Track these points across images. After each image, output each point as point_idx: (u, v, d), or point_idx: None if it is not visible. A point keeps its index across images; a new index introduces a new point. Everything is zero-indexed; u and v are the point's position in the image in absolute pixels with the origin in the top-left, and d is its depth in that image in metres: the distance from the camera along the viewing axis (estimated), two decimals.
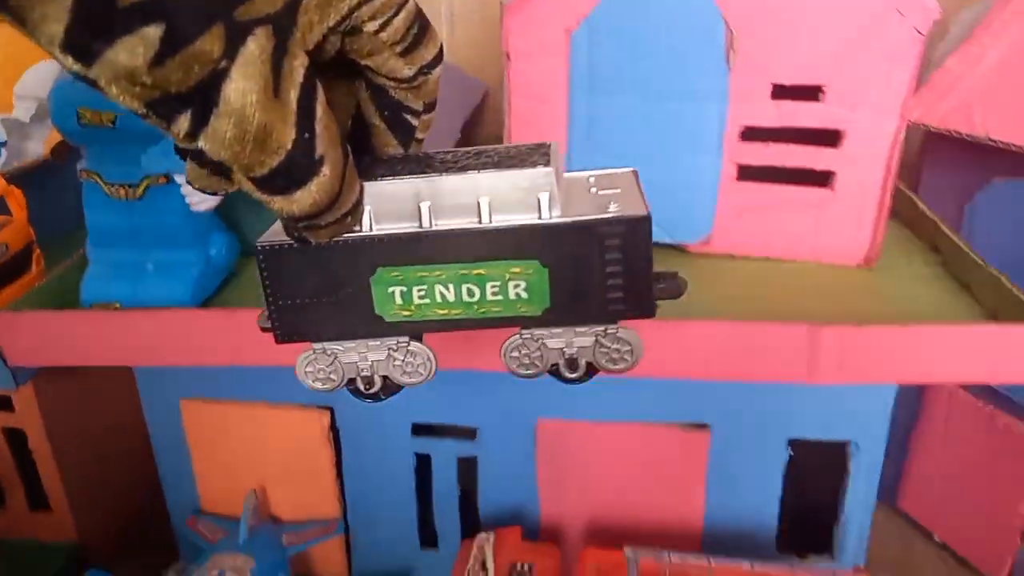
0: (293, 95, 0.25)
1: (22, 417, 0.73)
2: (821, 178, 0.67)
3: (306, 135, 0.25)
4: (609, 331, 0.33)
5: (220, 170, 0.28)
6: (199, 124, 0.23)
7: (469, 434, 0.68)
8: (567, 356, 0.34)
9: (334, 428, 0.70)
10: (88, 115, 0.56)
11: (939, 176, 0.75)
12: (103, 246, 0.63)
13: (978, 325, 0.55)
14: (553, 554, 0.62)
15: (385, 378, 0.35)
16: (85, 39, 0.21)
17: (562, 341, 0.34)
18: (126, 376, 0.73)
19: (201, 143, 0.24)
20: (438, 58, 0.32)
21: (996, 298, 0.59)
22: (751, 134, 0.67)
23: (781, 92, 0.65)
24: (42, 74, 0.64)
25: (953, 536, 0.79)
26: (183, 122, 0.23)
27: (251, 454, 0.71)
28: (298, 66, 0.25)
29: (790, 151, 0.66)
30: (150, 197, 0.61)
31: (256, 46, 0.24)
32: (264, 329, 0.35)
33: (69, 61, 0.21)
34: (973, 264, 0.63)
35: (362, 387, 0.35)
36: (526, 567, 0.62)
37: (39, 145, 0.66)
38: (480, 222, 0.31)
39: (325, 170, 0.27)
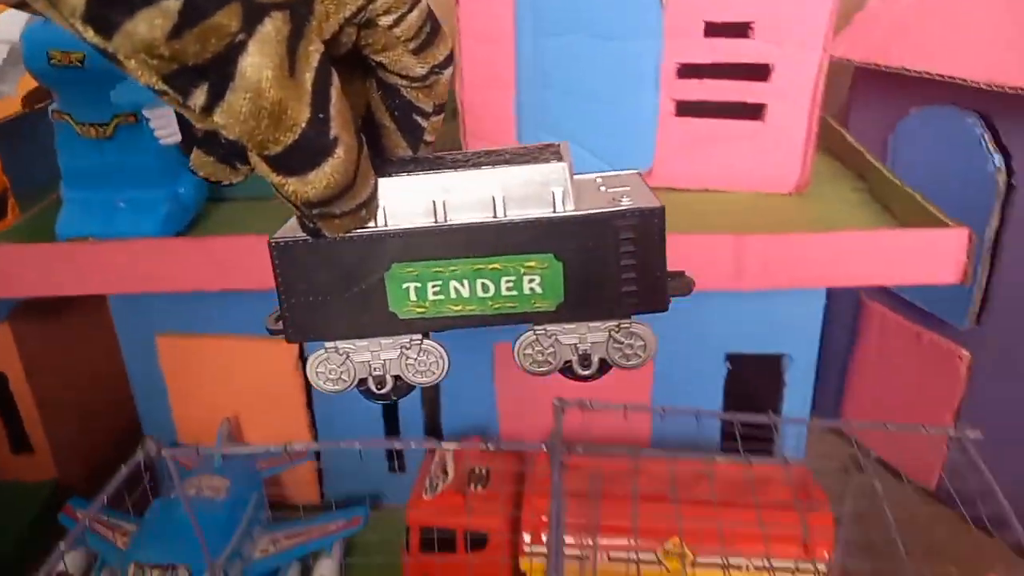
0: (308, 76, 0.25)
1: (2, 360, 0.76)
2: (753, 111, 0.72)
3: (320, 115, 0.25)
4: (623, 326, 0.33)
5: (227, 158, 0.29)
6: (215, 98, 0.23)
7: None
8: (580, 352, 0.34)
9: (303, 358, 0.74)
10: (58, 56, 0.59)
11: (866, 111, 0.80)
12: (76, 186, 0.67)
13: (888, 230, 0.60)
14: (509, 459, 0.67)
15: (396, 378, 0.35)
16: (105, 11, 0.21)
17: (575, 337, 0.34)
18: (102, 316, 0.77)
19: (216, 118, 0.24)
20: (449, 59, 0.32)
21: (910, 212, 0.64)
22: (687, 71, 0.71)
23: (713, 30, 0.69)
24: (13, 18, 0.66)
25: (888, 450, 0.84)
26: (199, 96, 0.23)
27: (225, 385, 0.75)
28: (313, 51, 0.25)
29: (723, 86, 0.71)
30: (120, 136, 0.64)
31: (272, 27, 0.24)
32: (272, 332, 0.35)
33: (90, 33, 0.22)
34: (893, 186, 0.68)
35: (374, 387, 0.35)
36: (484, 471, 0.66)
37: (12, 87, 0.69)
38: (495, 216, 0.31)
39: (339, 152, 0.27)
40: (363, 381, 0.34)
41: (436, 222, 0.31)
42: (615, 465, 0.64)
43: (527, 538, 0.61)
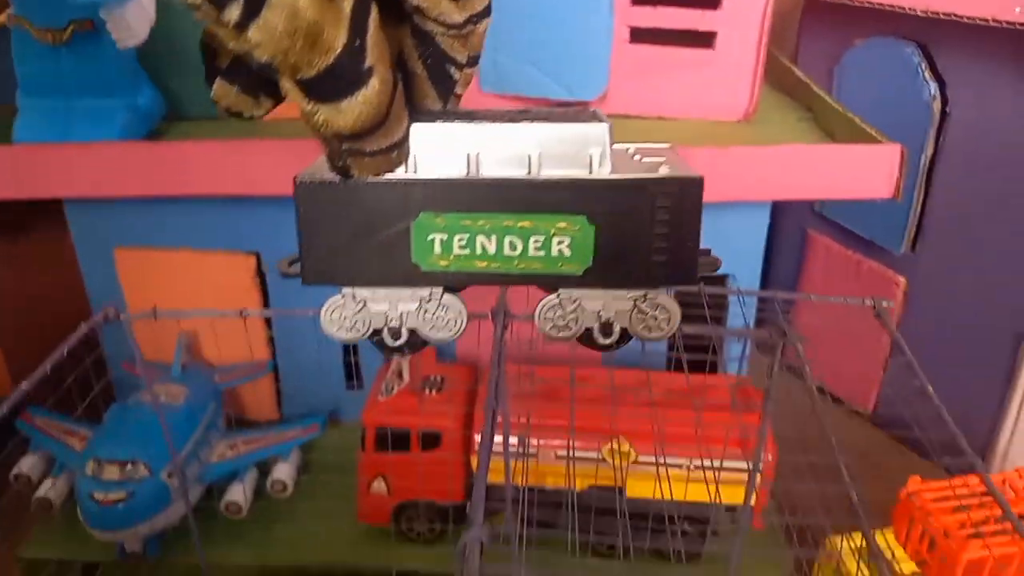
0: (347, 3, 0.25)
1: None
2: (704, 39, 0.74)
3: (357, 42, 0.25)
4: (649, 296, 0.32)
5: (251, 88, 0.29)
6: (251, 14, 0.23)
7: None
8: (603, 320, 0.33)
9: (261, 273, 0.75)
10: None
11: (814, 45, 0.83)
12: (33, 94, 0.67)
13: (825, 145, 0.63)
14: (463, 370, 0.69)
15: (411, 331, 0.33)
16: None
17: (599, 304, 0.33)
18: (61, 234, 0.77)
19: (251, 34, 0.23)
20: (488, 9, 0.32)
21: (850, 135, 0.67)
22: None
23: None
24: None
25: (831, 379, 0.88)
26: (234, 10, 0.23)
27: (183, 299, 0.76)
28: None
29: (676, 14, 0.73)
30: (77, 43, 0.64)
31: None
32: (285, 274, 0.34)
33: None
34: (835, 113, 0.71)
35: (388, 339, 0.34)
36: (439, 378, 0.68)
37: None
38: (529, 174, 0.30)
39: (373, 83, 0.26)
40: (377, 332, 0.33)
41: (468, 174, 0.30)
42: (562, 372, 0.66)
43: (479, 437, 0.64)
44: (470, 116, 0.31)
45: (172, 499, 0.65)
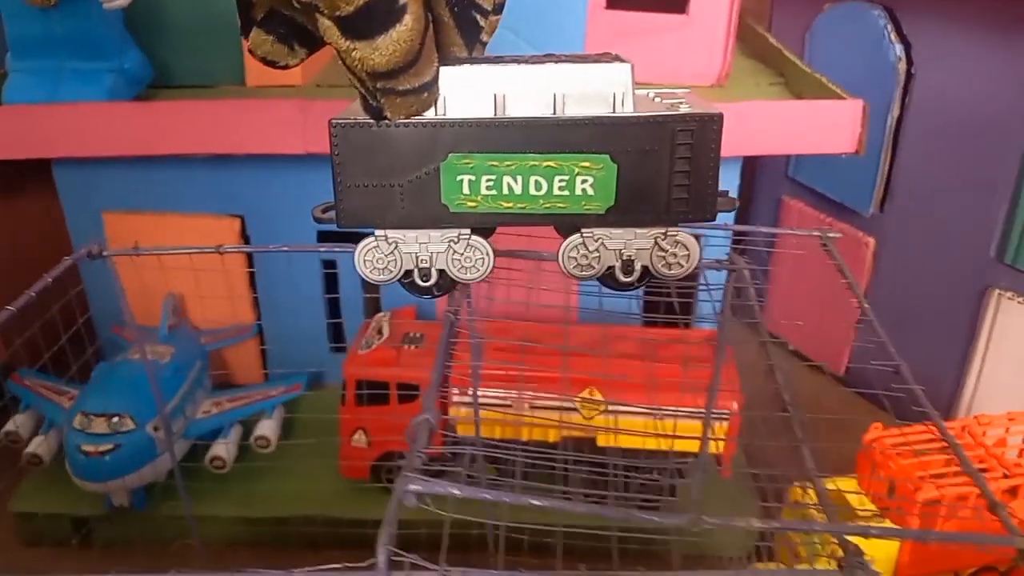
0: None
1: None
2: (678, 4, 0.76)
3: None
4: (669, 234, 0.33)
5: (286, 37, 0.30)
6: None
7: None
8: (624, 258, 0.33)
9: (245, 236, 0.77)
10: None
11: (787, 11, 0.85)
12: (23, 57, 0.68)
13: (790, 101, 0.65)
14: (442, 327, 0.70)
15: (441, 272, 0.34)
16: None
17: (621, 242, 0.33)
18: (50, 200, 0.79)
19: None
20: None
21: (817, 95, 0.69)
22: None
23: None
24: None
25: (803, 342, 0.90)
26: None
27: (171, 261, 0.77)
28: None
29: None
30: (66, 6, 0.66)
31: None
32: (318, 219, 0.35)
33: None
34: (805, 76, 0.73)
35: (419, 279, 0.35)
36: (418, 335, 0.70)
37: None
38: (554, 113, 0.31)
39: (407, 20, 0.27)
40: (408, 273, 0.34)
41: (495, 115, 0.31)
42: (540, 328, 0.68)
43: (455, 390, 0.65)
44: (497, 60, 0.32)
45: (158, 452, 0.67)
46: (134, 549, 0.71)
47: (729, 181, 0.72)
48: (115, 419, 0.65)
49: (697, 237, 0.34)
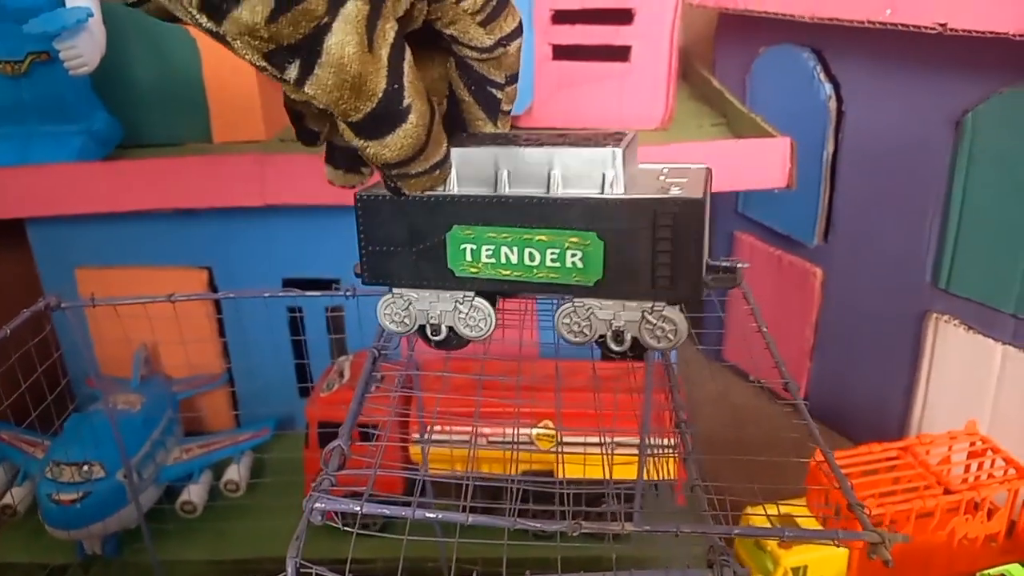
0: (385, 52, 0.28)
1: None
2: (620, 53, 0.80)
3: (395, 85, 0.29)
4: (655, 308, 0.34)
5: (352, 168, 0.35)
6: (306, 72, 0.27)
7: (334, 284, 0.79)
8: (614, 328, 0.35)
9: (213, 286, 0.80)
10: None
11: (728, 55, 0.89)
12: None
13: (723, 140, 0.68)
14: (406, 367, 0.73)
15: (451, 328, 0.37)
16: (216, 1, 0.25)
17: (610, 313, 0.35)
18: (23, 255, 0.82)
19: (307, 89, 0.27)
20: (517, 31, 0.34)
21: (754, 134, 0.73)
22: (560, 16, 0.79)
23: None
24: None
25: (762, 373, 0.92)
26: (292, 71, 0.27)
27: (143, 314, 0.80)
28: (389, 28, 0.28)
29: (593, 30, 0.79)
30: (34, 73, 0.70)
31: (354, 7, 0.27)
32: (357, 274, 0.38)
33: (204, 19, 0.26)
34: (744, 116, 0.77)
35: (429, 334, 0.38)
36: (379, 375, 0.72)
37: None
38: (548, 192, 0.33)
39: (412, 118, 0.30)
40: (422, 327, 0.38)
41: (495, 191, 0.34)
42: (498, 365, 0.70)
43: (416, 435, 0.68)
44: (502, 139, 0.35)
45: (128, 499, 0.68)
46: None
47: None
48: (86, 467, 0.67)
49: None
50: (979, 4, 0.61)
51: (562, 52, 0.80)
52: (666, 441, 0.67)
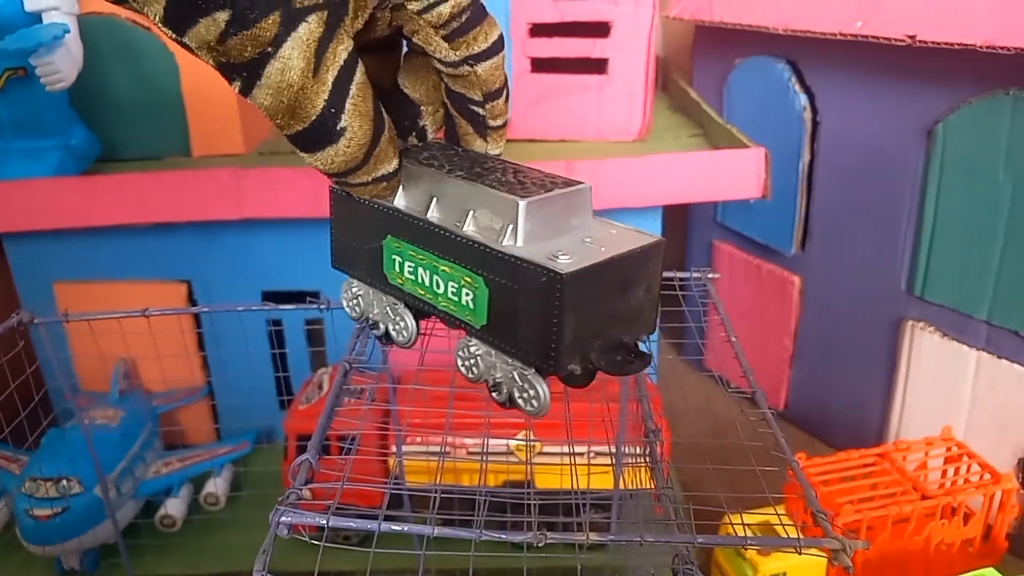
0: (331, 75, 0.29)
1: None
2: (598, 65, 0.80)
3: (332, 109, 0.29)
4: (524, 371, 0.33)
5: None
6: (248, 88, 0.28)
7: (313, 296, 0.79)
8: (494, 379, 0.34)
9: (192, 300, 0.80)
10: None
11: (705, 67, 0.89)
12: None
13: (698, 151, 0.69)
14: (383, 380, 0.73)
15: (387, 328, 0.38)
16: (177, 17, 0.27)
17: (492, 362, 0.34)
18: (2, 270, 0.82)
19: (250, 100, 0.29)
20: (492, 50, 0.33)
21: (729, 145, 0.73)
22: (539, 30, 0.80)
23: None
24: None
25: (743, 380, 0.93)
26: (237, 84, 0.28)
27: (121, 328, 0.80)
28: (341, 50, 0.29)
29: (571, 43, 0.80)
30: (11, 89, 0.70)
31: (307, 30, 0.28)
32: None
33: (169, 31, 0.27)
34: (720, 127, 0.78)
35: (369, 328, 0.39)
36: (358, 388, 0.73)
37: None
38: (461, 227, 0.33)
39: (343, 140, 0.30)
40: (365, 319, 0.39)
41: (421, 213, 0.34)
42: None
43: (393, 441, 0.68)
44: (444, 164, 0.34)
45: (106, 514, 0.68)
46: None
47: (650, 230, 0.76)
48: (63, 483, 0.66)
49: None
50: (947, 16, 0.62)
51: (540, 65, 0.81)
52: (638, 450, 0.67)
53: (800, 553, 0.31)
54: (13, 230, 0.72)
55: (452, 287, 0.34)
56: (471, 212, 0.33)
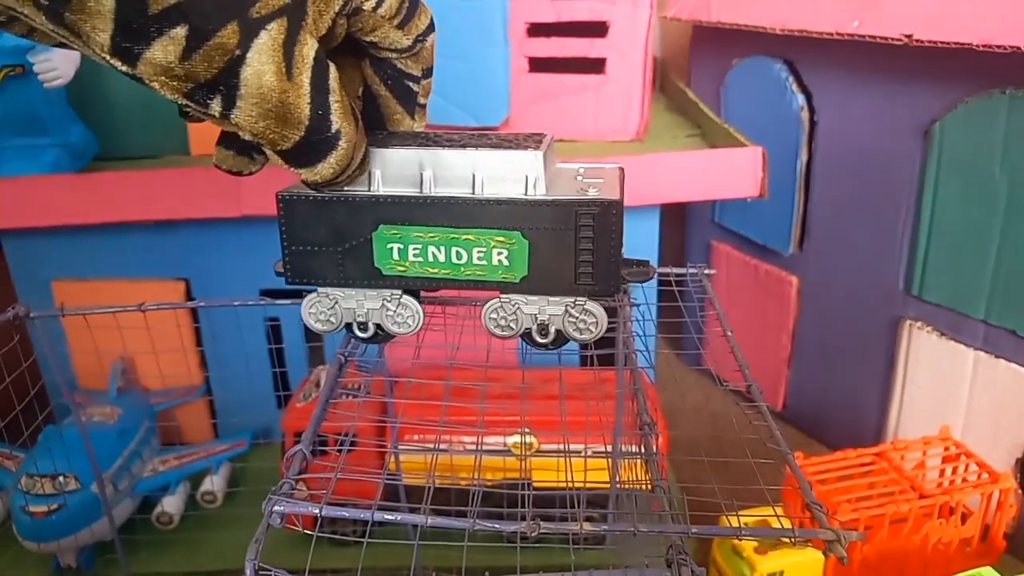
0: (305, 77, 0.28)
1: None
2: (596, 65, 0.81)
3: (320, 111, 0.29)
4: (578, 303, 0.35)
5: (244, 150, 0.33)
6: (228, 106, 0.27)
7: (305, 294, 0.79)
8: (539, 322, 0.36)
9: (191, 297, 0.80)
10: None
11: (703, 67, 0.90)
12: None
13: (696, 150, 0.69)
14: (380, 378, 0.73)
15: (378, 325, 0.38)
16: (127, 44, 0.24)
17: (535, 308, 0.36)
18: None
19: (233, 121, 0.27)
20: (431, 26, 0.35)
21: (726, 144, 0.73)
22: (536, 30, 0.80)
23: None
24: None
25: (734, 377, 0.93)
26: (216, 105, 0.27)
27: (120, 326, 0.80)
28: (308, 52, 0.28)
29: (569, 43, 0.80)
30: (8, 87, 0.70)
31: (268, 37, 0.27)
32: (278, 273, 0.38)
33: (118, 63, 0.25)
34: (717, 127, 0.78)
35: (357, 331, 0.38)
36: (356, 386, 0.73)
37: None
38: (473, 193, 0.34)
39: (342, 143, 0.30)
40: (349, 325, 0.38)
41: (422, 192, 0.34)
42: (474, 373, 0.71)
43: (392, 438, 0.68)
44: (425, 140, 0.35)
45: (103, 511, 0.68)
46: None
47: (648, 228, 0.76)
48: (59, 479, 0.66)
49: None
50: (944, 16, 0.62)
51: (538, 65, 0.81)
52: (634, 448, 0.67)
53: (794, 543, 0.31)
54: (11, 227, 0.72)
55: (479, 253, 0.35)
56: (478, 175, 0.34)
